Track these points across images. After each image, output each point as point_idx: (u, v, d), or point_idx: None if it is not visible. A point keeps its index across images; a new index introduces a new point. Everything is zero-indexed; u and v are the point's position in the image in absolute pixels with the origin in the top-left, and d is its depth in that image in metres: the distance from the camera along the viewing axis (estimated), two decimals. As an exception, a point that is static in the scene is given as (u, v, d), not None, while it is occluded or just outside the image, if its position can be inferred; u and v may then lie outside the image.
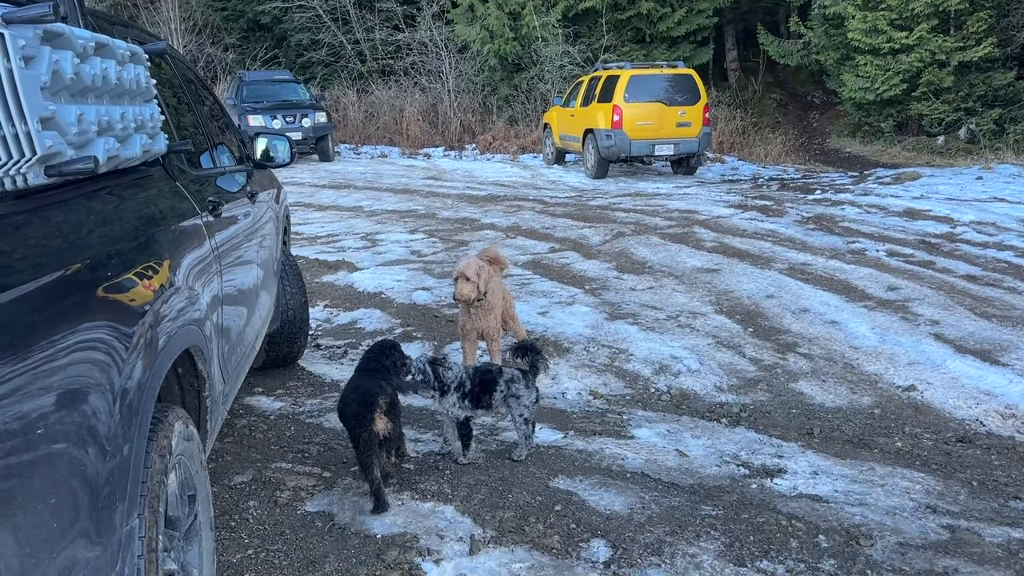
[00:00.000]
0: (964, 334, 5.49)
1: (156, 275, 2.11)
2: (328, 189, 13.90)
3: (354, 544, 3.01)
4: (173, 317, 2.13)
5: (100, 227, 1.98)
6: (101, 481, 1.59)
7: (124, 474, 1.70)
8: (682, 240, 8.86)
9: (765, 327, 5.86)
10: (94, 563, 1.56)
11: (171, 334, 2.08)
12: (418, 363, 3.60)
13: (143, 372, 1.86)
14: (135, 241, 2.10)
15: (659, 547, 2.99)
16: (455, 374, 3.65)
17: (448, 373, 3.64)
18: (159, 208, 2.44)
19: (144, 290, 1.98)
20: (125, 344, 1.78)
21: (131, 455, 1.75)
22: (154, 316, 1.98)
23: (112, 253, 1.92)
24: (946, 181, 12.57)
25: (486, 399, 3.67)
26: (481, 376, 3.69)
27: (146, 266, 2.06)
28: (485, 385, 3.66)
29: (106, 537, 1.61)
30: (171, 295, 2.16)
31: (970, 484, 3.61)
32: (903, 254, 7.89)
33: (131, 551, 1.72)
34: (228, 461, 3.69)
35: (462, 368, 3.73)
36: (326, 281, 7.29)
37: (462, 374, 3.67)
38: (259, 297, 3.67)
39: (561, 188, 14.20)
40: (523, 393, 3.69)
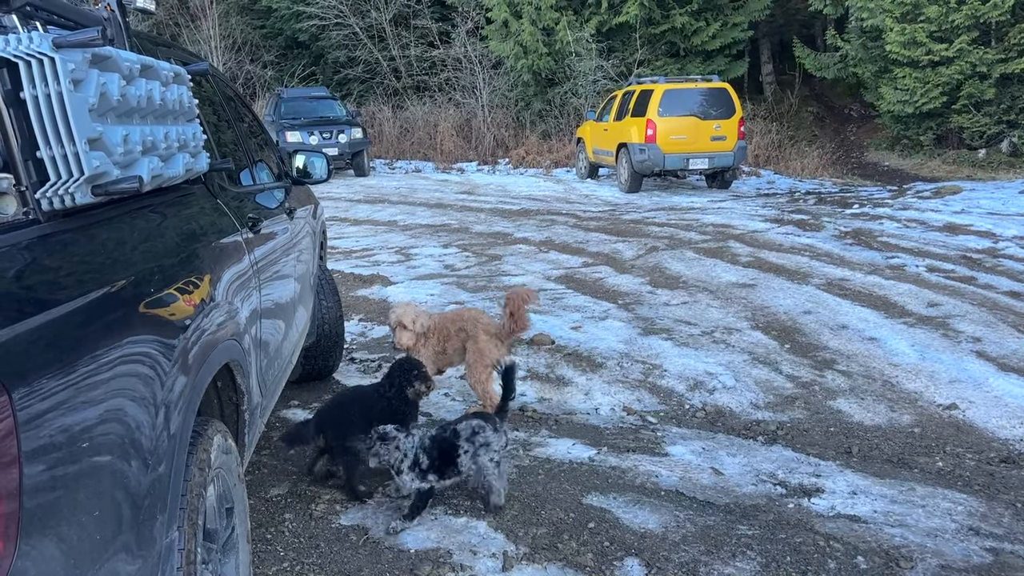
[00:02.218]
0: (1007, 352, 5.37)
1: (197, 290, 2.15)
2: (363, 204, 14.05)
3: (388, 558, 3.02)
4: (213, 331, 2.17)
5: (144, 244, 2.03)
6: (143, 493, 1.62)
7: (165, 487, 1.74)
8: (717, 254, 8.79)
9: (802, 343, 5.79)
10: (135, 574, 1.59)
11: (211, 348, 2.12)
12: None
13: (184, 386, 1.89)
14: (177, 257, 2.14)
15: (694, 567, 2.96)
16: (410, 443, 3.26)
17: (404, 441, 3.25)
18: (200, 225, 2.49)
19: (185, 305, 2.02)
20: (167, 358, 1.82)
21: (172, 468, 1.78)
22: (195, 331, 2.02)
23: (155, 269, 1.96)
24: (988, 195, 12.33)
25: (451, 469, 3.29)
26: (438, 444, 3.29)
27: (187, 282, 2.11)
28: (445, 453, 3.28)
29: (147, 549, 1.64)
30: (211, 310, 2.20)
31: (1014, 506, 3.52)
32: (944, 269, 7.75)
33: (170, 563, 1.75)
34: (264, 474, 3.73)
35: (415, 437, 3.31)
36: (361, 295, 7.35)
37: (414, 443, 3.27)
38: (296, 311, 3.71)
39: (594, 202, 14.19)
40: (492, 439, 3.31)
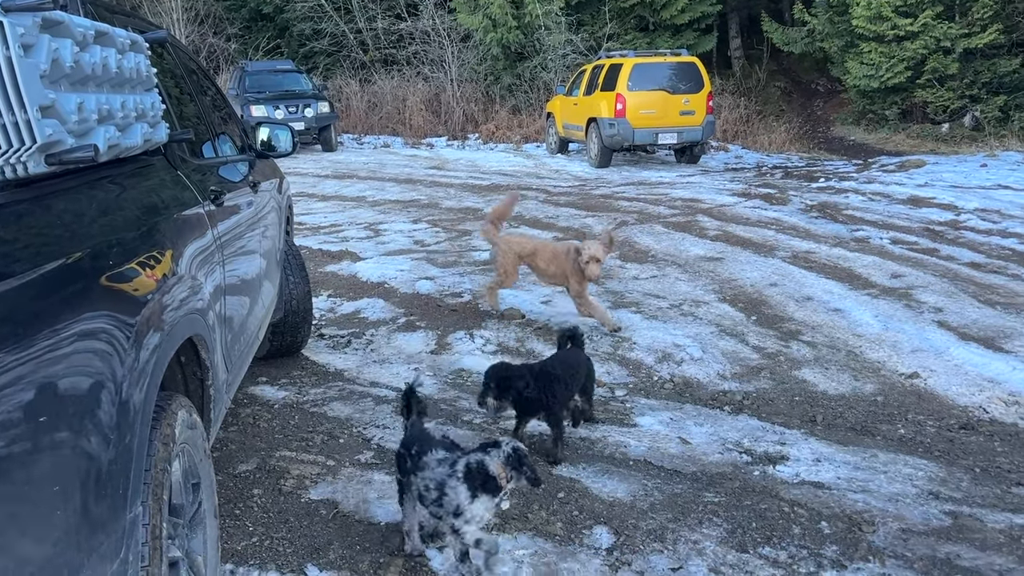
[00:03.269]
0: (968, 321, 5.48)
1: (158, 264, 2.11)
2: (331, 179, 13.90)
3: (358, 531, 3.02)
4: (176, 307, 2.13)
5: (102, 216, 1.99)
6: (104, 469, 1.60)
7: (127, 462, 1.71)
8: (685, 228, 8.85)
9: (768, 315, 5.86)
10: (98, 550, 1.57)
11: (174, 323, 2.09)
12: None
13: (145, 361, 1.86)
14: (137, 230, 2.10)
15: (662, 533, 3.00)
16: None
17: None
18: (161, 197, 2.44)
19: (146, 279, 1.99)
20: (127, 333, 1.78)
21: (134, 443, 1.75)
22: (156, 305, 1.99)
23: (114, 242, 1.92)
24: (950, 169, 12.52)
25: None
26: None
27: (148, 255, 2.07)
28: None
29: (110, 524, 1.62)
30: (173, 284, 2.17)
31: (973, 471, 3.61)
32: (907, 242, 7.87)
33: (135, 538, 1.73)
34: (232, 450, 3.70)
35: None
36: (329, 271, 7.29)
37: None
38: (262, 287, 3.67)
39: (564, 177, 14.17)
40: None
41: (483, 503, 2.57)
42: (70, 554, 1.46)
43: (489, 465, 2.56)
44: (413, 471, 2.72)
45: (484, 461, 2.57)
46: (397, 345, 5.36)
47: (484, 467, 2.56)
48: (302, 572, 2.76)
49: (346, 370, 4.85)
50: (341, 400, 4.31)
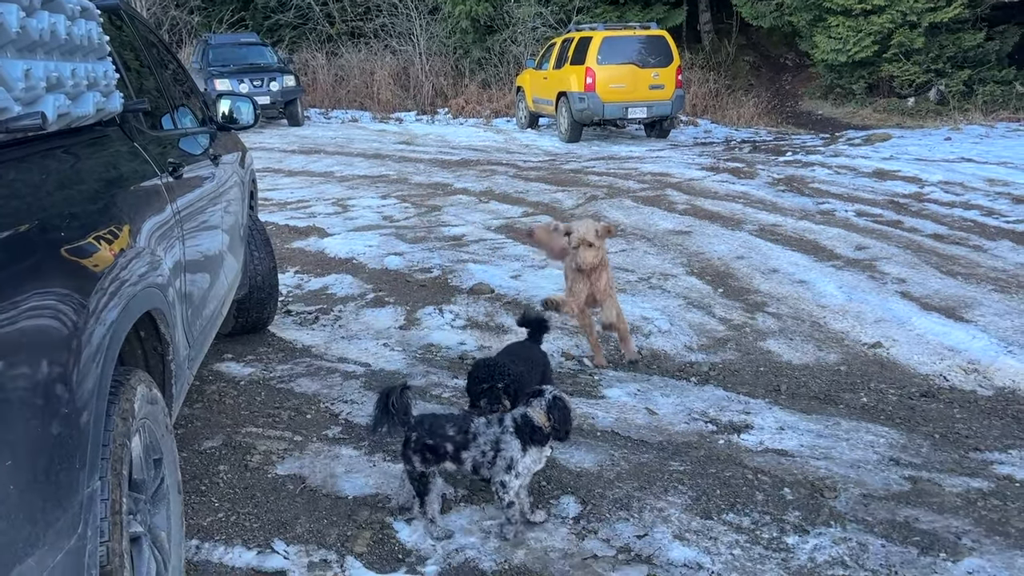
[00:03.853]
0: (930, 291, 5.58)
1: (114, 236, 2.07)
2: (298, 154, 13.73)
3: (325, 505, 3.02)
4: (134, 281, 2.09)
5: (54, 186, 1.94)
6: (59, 443, 1.57)
7: (84, 436, 1.68)
8: (654, 203, 8.87)
9: (735, 287, 5.91)
10: (54, 525, 1.54)
11: (131, 297, 2.05)
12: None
13: (102, 336, 1.83)
14: (92, 202, 2.06)
15: (628, 502, 3.04)
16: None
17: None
18: (117, 169, 2.39)
19: (101, 253, 1.95)
20: (82, 307, 1.75)
21: (91, 418, 1.73)
22: (113, 279, 1.95)
23: (67, 214, 1.88)
24: (915, 142, 12.67)
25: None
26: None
27: (102, 227, 2.03)
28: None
29: (66, 499, 1.60)
30: (131, 258, 2.13)
31: (932, 437, 3.69)
32: (872, 214, 7.97)
33: (93, 513, 1.71)
34: (198, 426, 3.67)
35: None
36: (296, 247, 7.22)
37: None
38: (224, 262, 3.62)
39: (534, 152, 14.13)
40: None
41: (533, 455, 2.80)
42: (25, 528, 1.44)
43: (533, 417, 2.78)
44: (461, 447, 2.78)
45: (528, 413, 2.80)
46: (365, 321, 5.33)
47: (529, 419, 2.78)
48: (269, 547, 2.75)
49: (313, 346, 4.82)
50: (308, 376, 4.28)
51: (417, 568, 2.66)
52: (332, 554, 2.72)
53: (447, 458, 2.79)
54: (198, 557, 2.69)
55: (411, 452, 2.80)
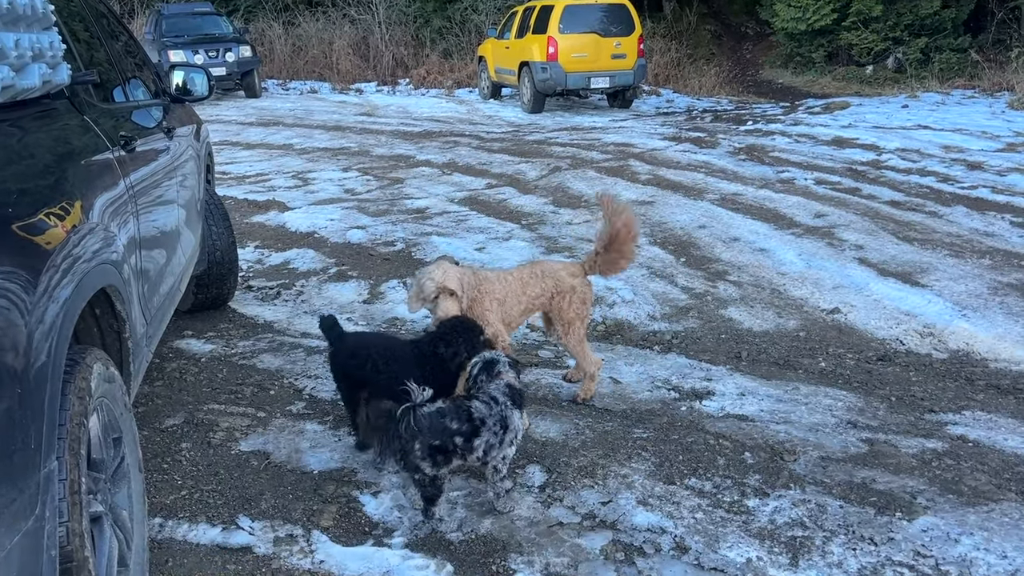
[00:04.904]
0: (887, 257, 5.68)
1: (63, 210, 2.02)
2: (256, 127, 13.48)
3: (291, 481, 3.01)
4: (88, 258, 2.05)
5: (3, 161, 1.88)
6: (12, 423, 1.54)
7: (38, 416, 1.65)
8: (618, 173, 8.88)
9: (697, 256, 5.96)
10: (10, 507, 1.52)
11: (85, 274, 2.01)
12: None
13: (55, 314, 1.79)
14: (40, 177, 2.00)
15: (592, 470, 3.07)
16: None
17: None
18: (66, 142, 2.33)
19: (53, 228, 1.90)
20: (33, 285, 1.70)
21: (45, 397, 1.69)
22: (65, 255, 1.90)
23: (15, 190, 1.83)
24: (873, 110, 12.82)
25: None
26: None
27: (52, 201, 1.97)
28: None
29: (22, 480, 1.57)
30: (84, 234, 2.08)
31: (889, 400, 3.78)
32: (830, 182, 8.07)
33: (51, 494, 1.68)
34: (159, 404, 3.62)
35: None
36: (256, 221, 7.12)
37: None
38: (181, 237, 3.56)
39: (497, 123, 14.04)
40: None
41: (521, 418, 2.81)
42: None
43: (515, 383, 2.81)
44: (471, 436, 2.66)
45: (511, 383, 2.80)
46: (329, 295, 5.29)
47: (515, 387, 2.80)
48: (234, 523, 2.74)
49: (276, 322, 4.78)
50: (271, 352, 4.24)
51: (384, 540, 2.67)
52: (298, 529, 2.72)
53: (457, 452, 2.66)
54: (162, 535, 2.67)
55: (419, 460, 2.63)
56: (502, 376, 2.80)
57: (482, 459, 2.71)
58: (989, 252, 5.73)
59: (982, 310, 4.70)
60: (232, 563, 2.54)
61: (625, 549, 2.62)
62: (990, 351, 4.28)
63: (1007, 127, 10.62)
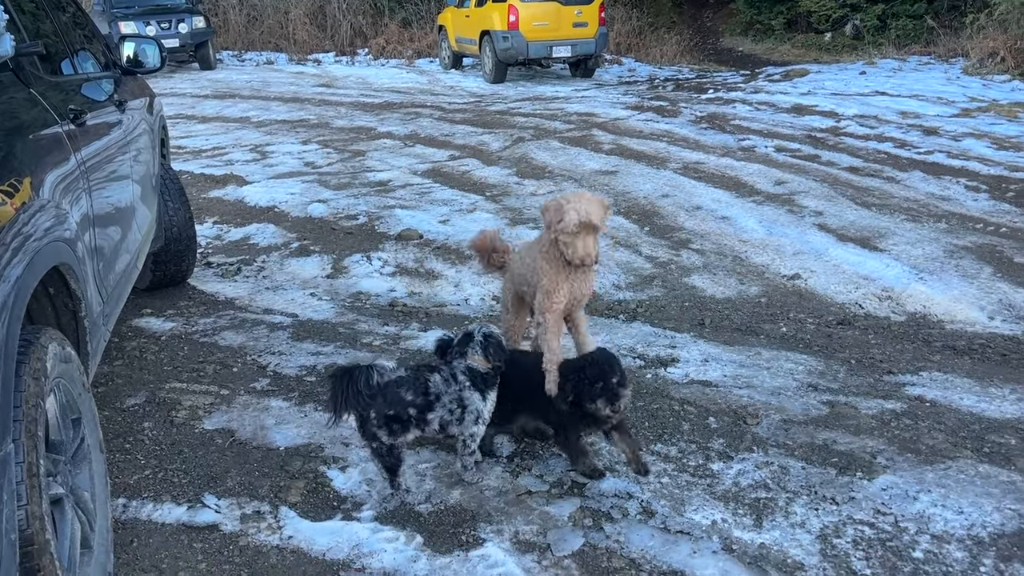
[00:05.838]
0: (846, 223, 5.76)
1: (11, 187, 1.95)
2: (211, 99, 13.19)
3: (256, 458, 2.98)
4: (37, 236, 1.99)
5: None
6: (-36, 407, 1.50)
7: (-9, 399, 1.61)
8: (581, 143, 8.86)
9: (660, 225, 5.99)
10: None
11: (36, 252, 1.95)
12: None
13: (5, 293, 1.74)
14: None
15: (560, 439, 3.09)
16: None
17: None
18: (12, 116, 2.25)
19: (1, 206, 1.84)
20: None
21: (-1, 379, 1.66)
22: (14, 233, 1.85)
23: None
24: (832, 77, 12.92)
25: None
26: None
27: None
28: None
29: (-23, 464, 1.54)
30: (34, 209, 2.02)
31: (849, 363, 3.85)
32: (790, 149, 8.14)
33: (8, 477, 1.65)
34: (119, 384, 3.56)
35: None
36: (214, 196, 6.99)
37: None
38: (136, 213, 3.48)
39: (459, 93, 13.91)
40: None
41: (491, 399, 2.79)
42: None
43: (477, 366, 2.76)
44: (425, 409, 2.66)
45: (471, 365, 2.76)
46: (291, 271, 5.23)
47: (476, 370, 2.76)
48: (199, 501, 2.71)
49: (237, 298, 4.71)
50: (233, 329, 4.19)
51: (353, 514, 2.67)
52: (265, 505, 2.70)
53: (412, 424, 2.66)
54: (126, 515, 2.64)
55: (375, 428, 2.64)
56: (470, 356, 2.77)
57: (441, 432, 2.73)
58: (945, 216, 5.84)
59: (938, 273, 4.80)
60: (199, 541, 2.52)
61: (593, 515, 2.65)
62: (946, 313, 4.38)
63: (962, 92, 10.79)
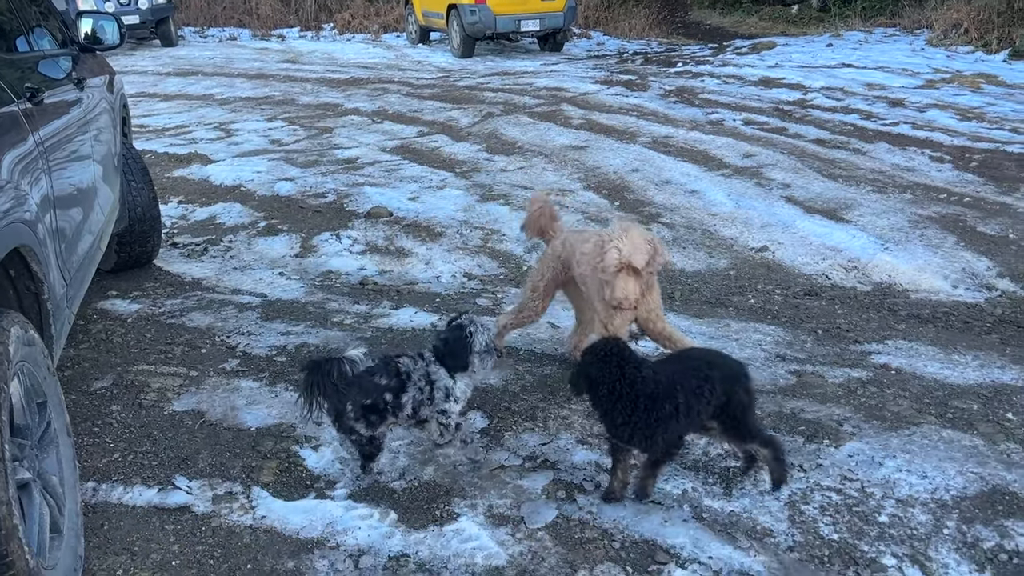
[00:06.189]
0: (813, 195, 5.82)
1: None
2: (174, 77, 12.93)
3: (227, 439, 2.96)
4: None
5: None
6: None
7: (-48, 384, 1.58)
8: (551, 118, 8.83)
9: (631, 200, 6.01)
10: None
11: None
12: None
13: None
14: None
15: (532, 413, 3.11)
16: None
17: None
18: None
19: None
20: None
21: (-41, 364, 1.62)
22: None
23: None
24: (799, 49, 12.99)
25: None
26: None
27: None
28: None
29: (-61, 451, 1.51)
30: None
31: (816, 333, 3.91)
32: (758, 122, 8.18)
33: (-28, 464, 1.63)
34: (86, 367, 3.51)
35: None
36: (178, 175, 6.87)
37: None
38: (98, 193, 3.41)
39: (427, 69, 13.77)
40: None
41: (464, 380, 2.79)
42: None
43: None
44: (398, 392, 2.64)
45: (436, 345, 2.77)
46: (258, 250, 5.17)
47: (438, 347, 2.75)
48: (170, 483, 2.69)
49: (204, 279, 4.65)
50: (200, 310, 4.14)
51: (327, 492, 2.67)
52: (237, 486, 2.69)
53: (389, 410, 2.63)
54: (96, 499, 2.61)
55: (353, 422, 2.60)
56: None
57: (414, 417, 2.71)
58: (910, 187, 5.92)
59: (903, 243, 4.87)
60: (171, 523, 2.51)
61: (566, 487, 2.67)
62: (911, 282, 4.45)
63: (926, 64, 10.90)
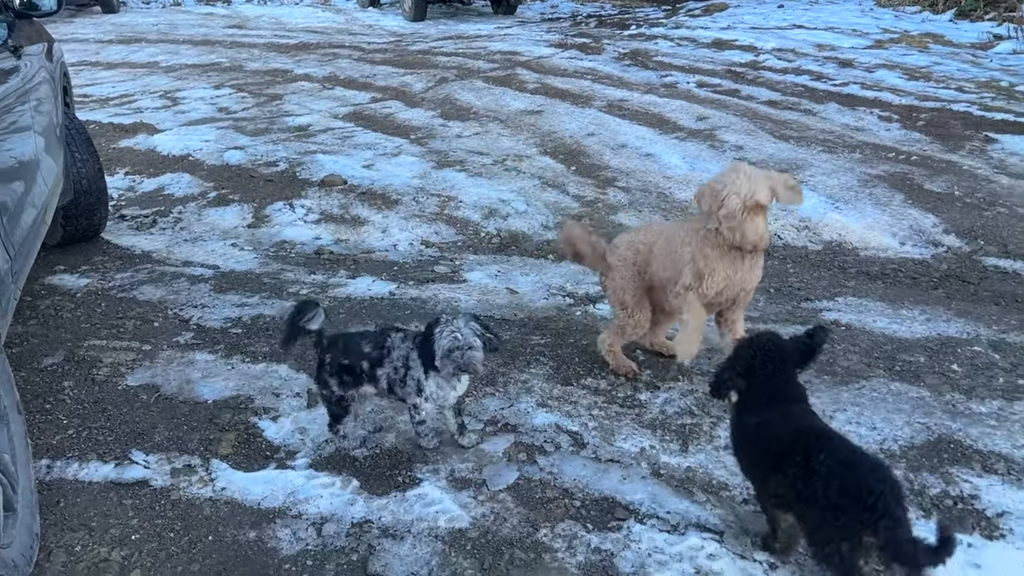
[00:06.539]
0: (765, 156, 5.88)
1: None
2: (116, 44, 12.52)
3: (184, 412, 2.93)
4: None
5: None
6: None
7: None
8: (505, 83, 8.75)
9: (587, 164, 6.01)
10: None
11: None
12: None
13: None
14: None
15: (493, 378, 3.12)
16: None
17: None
18: None
19: None
20: None
21: None
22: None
23: None
24: (751, 11, 13.03)
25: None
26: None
27: None
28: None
29: None
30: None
31: (768, 291, 3.97)
32: (711, 84, 8.22)
33: (-84, 444, 1.58)
34: (35, 344, 3.43)
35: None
36: (124, 146, 6.68)
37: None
38: (41, 165, 3.30)
39: (379, 33, 13.53)
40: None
41: (436, 379, 2.59)
42: None
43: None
44: (375, 365, 2.58)
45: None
46: (210, 221, 5.08)
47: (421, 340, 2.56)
48: (127, 458, 2.66)
49: (154, 251, 4.56)
50: (152, 283, 4.06)
51: (287, 462, 2.66)
52: (196, 459, 2.67)
53: (364, 378, 2.60)
54: (51, 476, 2.57)
55: (327, 375, 2.61)
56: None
57: (391, 394, 2.64)
58: (859, 146, 6.01)
59: (853, 202, 4.96)
60: (128, 498, 2.48)
61: (527, 450, 2.70)
62: (861, 240, 4.54)
63: (875, 24, 11.03)
